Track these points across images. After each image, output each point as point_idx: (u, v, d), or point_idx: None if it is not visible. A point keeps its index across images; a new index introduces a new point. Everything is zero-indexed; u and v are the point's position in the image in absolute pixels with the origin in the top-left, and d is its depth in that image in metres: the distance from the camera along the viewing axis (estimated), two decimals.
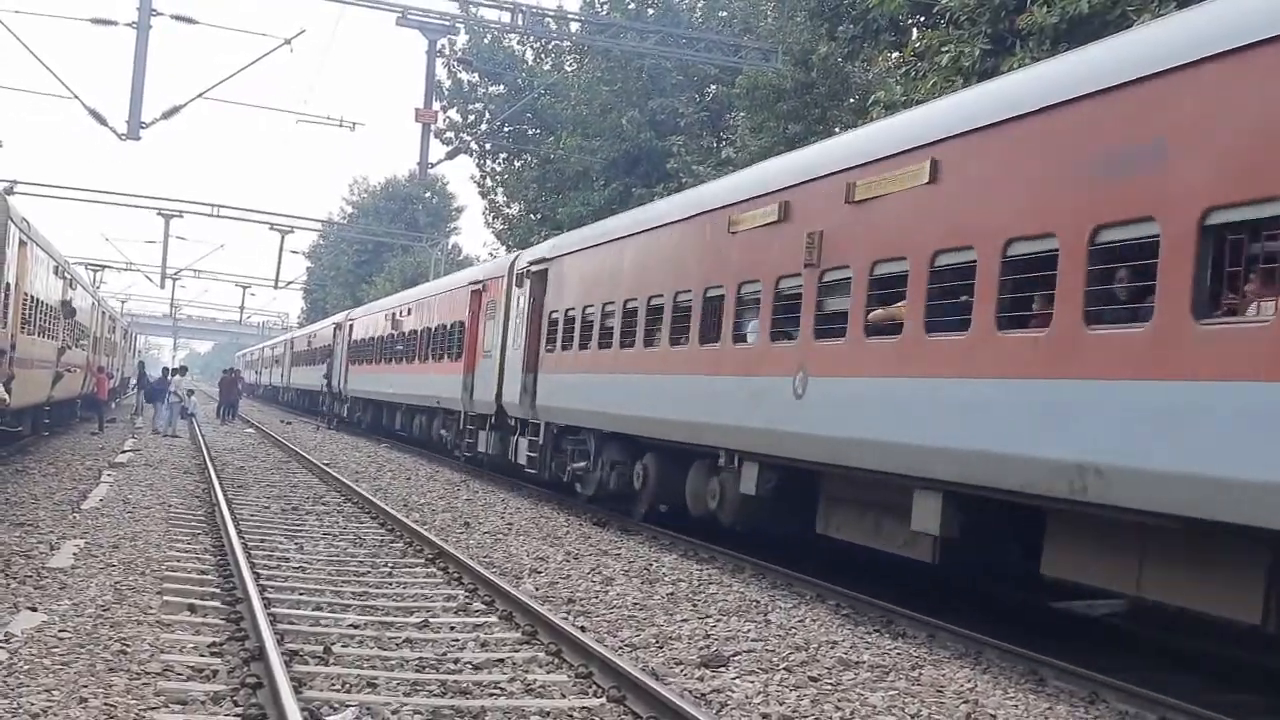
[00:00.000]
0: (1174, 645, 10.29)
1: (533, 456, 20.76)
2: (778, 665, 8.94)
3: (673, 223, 16.23)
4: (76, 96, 30.54)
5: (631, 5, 39.86)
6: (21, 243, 20.33)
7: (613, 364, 17.29)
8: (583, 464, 18.68)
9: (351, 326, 44.27)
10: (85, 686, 7.23)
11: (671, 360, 15.30)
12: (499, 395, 22.78)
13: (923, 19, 21.03)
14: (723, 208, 14.40)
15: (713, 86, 37.31)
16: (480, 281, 26.08)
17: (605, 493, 18.03)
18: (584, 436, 18.73)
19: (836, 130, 22.75)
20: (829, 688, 8.40)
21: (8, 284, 18.78)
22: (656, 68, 36.64)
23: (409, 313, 34.40)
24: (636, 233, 17.50)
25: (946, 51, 18.06)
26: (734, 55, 31.27)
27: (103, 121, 29.94)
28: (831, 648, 9.66)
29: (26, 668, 7.55)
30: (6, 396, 15.65)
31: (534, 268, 21.52)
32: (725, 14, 38.81)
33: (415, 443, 33.51)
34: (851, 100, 26.23)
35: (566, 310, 19.53)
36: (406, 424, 34.08)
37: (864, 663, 9.19)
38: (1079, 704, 8.49)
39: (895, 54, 22.39)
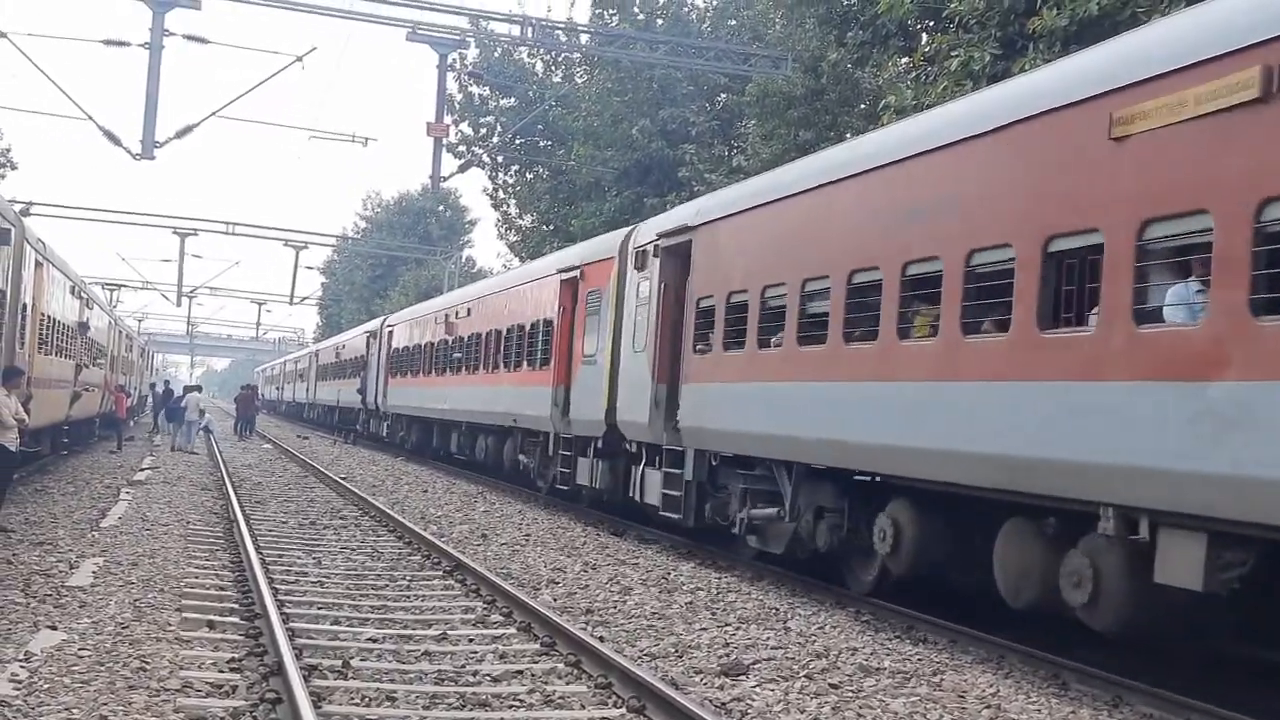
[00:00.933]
0: (1197, 648, 10.21)
1: (672, 496, 15.50)
2: (798, 673, 8.91)
3: (965, 140, 10.21)
4: (90, 117, 30.74)
5: (641, 16, 39.93)
6: (38, 263, 20.42)
7: (829, 366, 11.92)
8: (767, 510, 13.63)
9: (390, 334, 39.12)
10: (105, 704, 7.23)
11: (972, 359, 9.83)
12: (610, 412, 17.86)
13: (932, 23, 21.00)
14: (1097, 97, 8.64)
15: (723, 95, 37.33)
16: (574, 268, 20.46)
17: (805, 551, 13.12)
18: (766, 471, 13.71)
19: (848, 136, 22.69)
20: (850, 695, 8.35)
21: (25, 304, 18.86)
22: (667, 77, 36.67)
23: (467, 313, 29.14)
24: (875, 167, 11.56)
25: (956, 56, 18.03)
26: (743, 63, 31.29)
27: (117, 142, 30.12)
28: (852, 654, 9.61)
29: (47, 686, 7.56)
30: (25, 416, 15.69)
31: (666, 242, 16.34)
32: (734, 23, 38.84)
33: (478, 468, 28.65)
34: (862, 106, 26.23)
35: (731, 295, 14.21)
36: (466, 446, 28.98)
37: (885, 669, 9.15)
38: (1102, 708, 8.43)
39: (905, 59, 22.36)
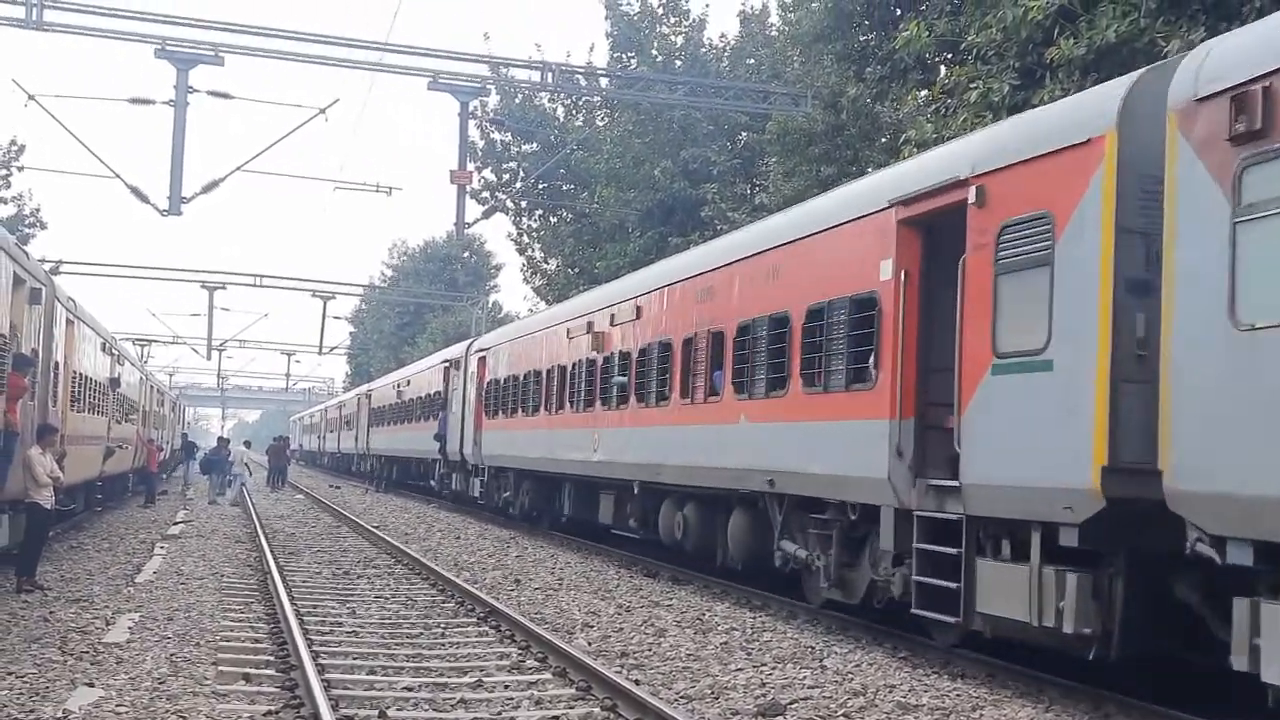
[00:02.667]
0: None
1: None
2: (836, 712, 8.84)
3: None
4: (118, 175, 31.04)
5: (659, 58, 40.18)
6: (69, 321, 20.63)
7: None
8: None
9: (482, 361, 29.97)
10: None
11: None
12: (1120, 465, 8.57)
13: (950, 56, 21.04)
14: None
15: (743, 134, 37.47)
16: (956, 183, 10.55)
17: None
18: None
19: (869, 171, 22.71)
20: None
21: (56, 362, 19.03)
22: (687, 118, 36.84)
23: (636, 314, 18.79)
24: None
25: (975, 88, 18.04)
26: (763, 101, 31.41)
27: (144, 199, 30.41)
28: (890, 691, 9.53)
29: None
30: (60, 474, 15.81)
31: None
32: (752, 61, 39.03)
33: (658, 551, 19.08)
34: (883, 140, 26.26)
35: None
36: (634, 514, 19.06)
37: (923, 705, 9.07)
38: None
39: (924, 92, 22.39)
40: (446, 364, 35.22)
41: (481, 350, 30.56)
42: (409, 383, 43.03)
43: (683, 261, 18.51)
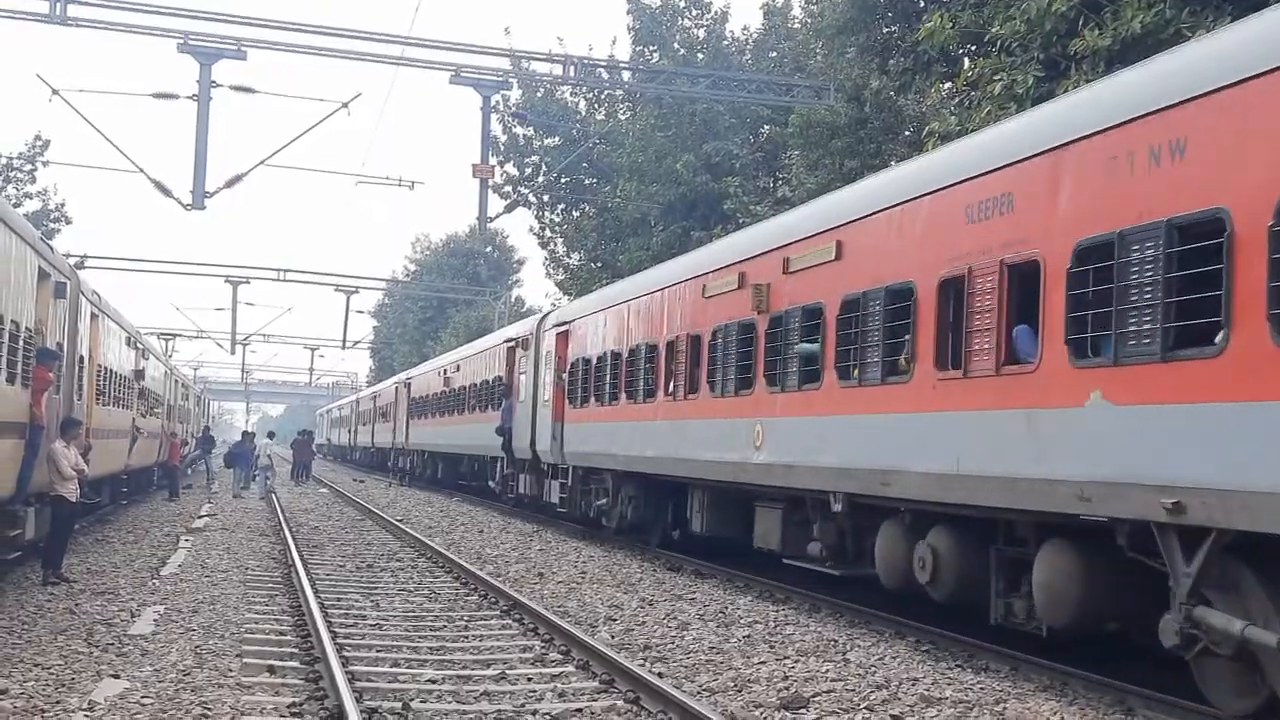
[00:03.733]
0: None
1: None
2: (859, 705, 8.82)
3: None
4: (141, 170, 31.18)
5: (681, 51, 40.12)
6: (93, 316, 20.74)
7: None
8: None
9: (562, 338, 24.05)
10: None
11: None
12: None
13: (973, 48, 20.94)
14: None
15: (766, 127, 37.40)
16: None
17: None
18: None
19: (892, 163, 22.62)
20: None
21: (81, 357, 19.14)
22: (709, 111, 36.79)
23: (890, 232, 12.12)
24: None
25: (999, 80, 17.95)
26: (785, 94, 31.32)
27: (168, 193, 30.53)
28: (913, 685, 9.50)
29: None
30: (84, 467, 15.91)
31: None
32: (775, 54, 38.96)
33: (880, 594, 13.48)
34: (906, 133, 26.17)
35: None
36: (851, 542, 13.39)
37: (947, 699, 9.04)
38: None
39: (948, 84, 22.30)
40: (510, 343, 29.15)
41: (562, 324, 24.52)
42: (458, 368, 37.54)
43: (940, 161, 12.15)
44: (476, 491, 35.35)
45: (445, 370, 39.86)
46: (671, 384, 17.78)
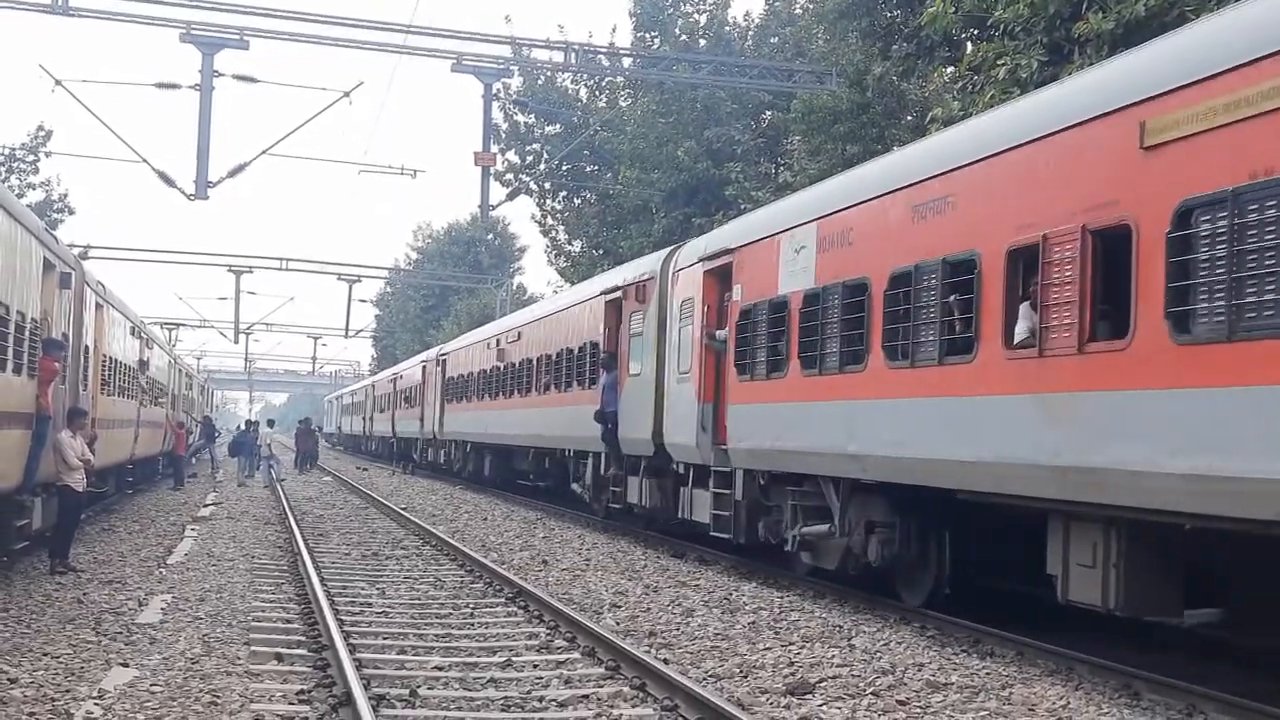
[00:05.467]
0: (1273, 653, 10.03)
1: None
2: (864, 690, 8.85)
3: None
4: (145, 160, 31.21)
5: (683, 37, 40.06)
6: (98, 305, 20.76)
7: None
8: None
9: (719, 279, 16.47)
10: None
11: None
12: None
13: (976, 32, 20.90)
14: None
15: (768, 112, 37.35)
16: None
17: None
18: None
19: (895, 148, 22.60)
20: (918, 711, 8.29)
21: (86, 346, 19.17)
22: (711, 97, 36.74)
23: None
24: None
25: (1002, 64, 17.92)
26: (787, 80, 31.29)
27: (171, 183, 30.55)
28: (918, 670, 9.54)
29: None
30: (90, 456, 15.95)
31: None
32: (776, 40, 38.88)
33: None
34: (909, 118, 26.15)
35: None
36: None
37: (952, 684, 9.07)
38: (1176, 716, 8.32)
39: (950, 69, 22.26)
40: (613, 295, 21.22)
41: (715, 256, 16.38)
42: (519, 336, 29.39)
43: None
44: (541, 494, 28.81)
45: (499, 341, 31.47)
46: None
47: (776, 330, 14.19)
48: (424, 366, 45.10)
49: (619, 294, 20.99)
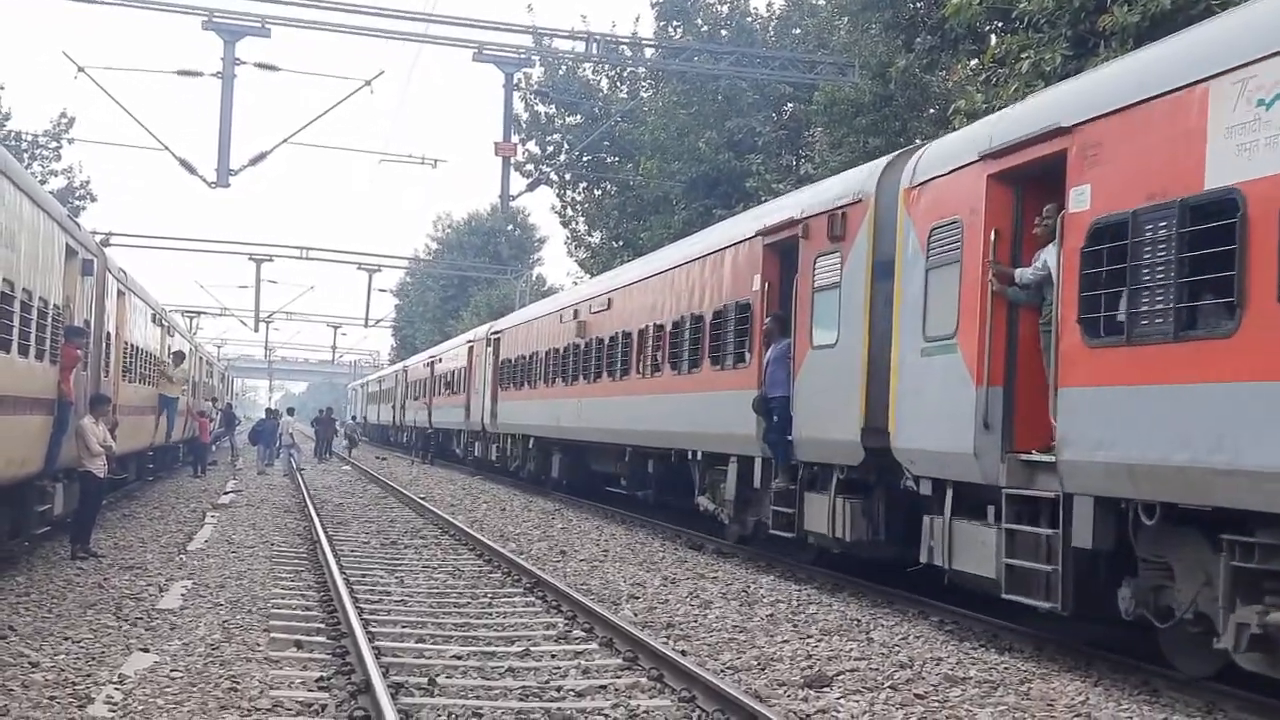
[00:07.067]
0: None
1: None
2: (882, 684, 8.83)
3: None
4: (166, 148, 31.30)
5: (705, 28, 39.96)
6: (120, 293, 20.85)
7: None
8: None
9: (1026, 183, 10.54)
10: None
11: None
12: None
13: (1000, 24, 20.78)
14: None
15: (789, 104, 37.23)
16: None
17: None
18: None
19: (919, 141, 22.49)
20: (936, 705, 8.27)
21: (108, 333, 19.25)
22: (732, 88, 36.63)
23: None
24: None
25: (1027, 57, 17.81)
26: (809, 71, 31.19)
27: (192, 171, 30.65)
28: (937, 664, 9.52)
29: (141, 708, 7.69)
30: (112, 443, 16.03)
31: None
32: (799, 31, 38.73)
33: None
34: (932, 111, 26.02)
35: None
36: None
37: (971, 678, 9.05)
38: (1196, 714, 8.28)
39: (974, 61, 22.15)
40: (785, 231, 15.06)
41: (1035, 139, 10.10)
42: (609, 304, 23.41)
43: None
44: (630, 504, 23.53)
45: (578, 312, 25.69)
46: None
47: (1209, 254, 7.99)
48: (470, 347, 39.60)
49: (791, 232, 14.75)
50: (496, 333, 35.68)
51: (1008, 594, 10.04)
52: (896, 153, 13.86)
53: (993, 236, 10.55)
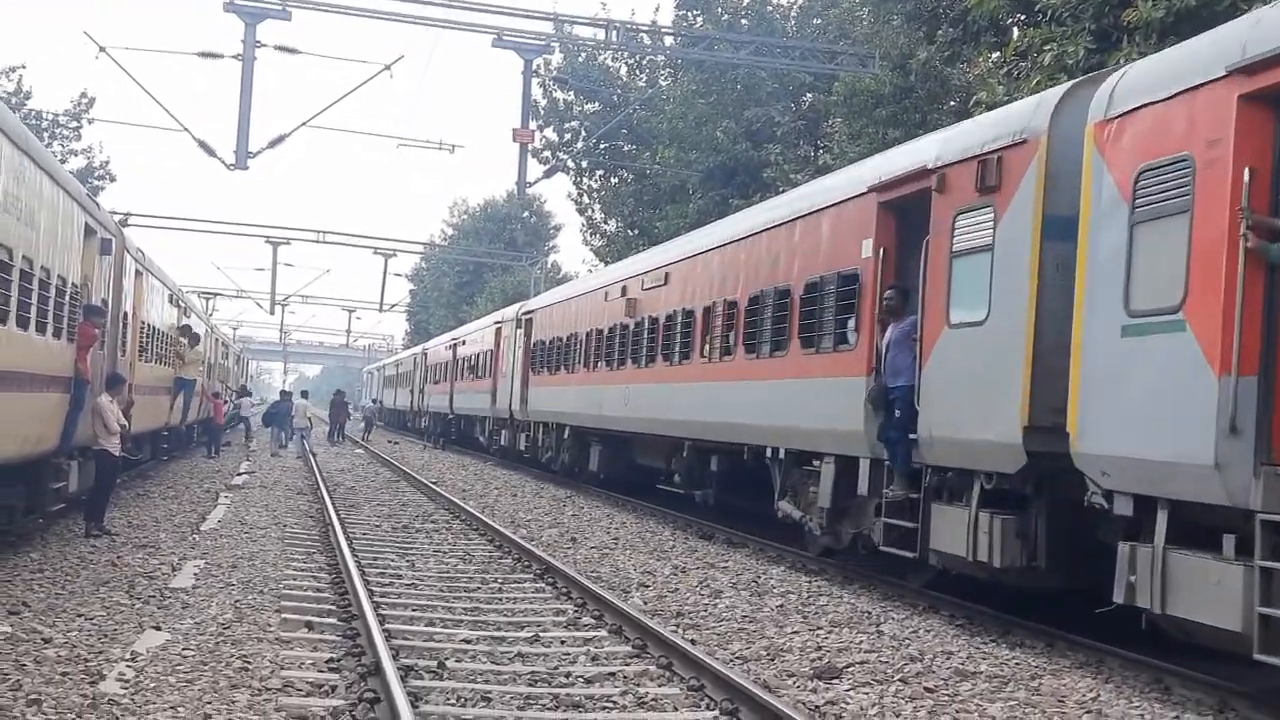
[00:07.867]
0: None
1: None
2: (892, 676, 8.82)
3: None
4: (186, 129, 31.35)
5: (725, 17, 39.84)
6: (137, 273, 20.91)
7: None
8: None
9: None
10: (209, 703, 7.38)
11: None
12: None
13: (1023, 17, 20.68)
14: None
15: (809, 94, 37.10)
16: None
17: None
18: None
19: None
20: (946, 699, 8.26)
21: (125, 313, 19.31)
22: (751, 78, 36.52)
23: None
24: None
25: (1049, 50, 17.73)
26: (830, 62, 31.06)
27: (211, 152, 30.70)
28: (947, 658, 9.50)
29: (153, 685, 7.73)
30: (127, 422, 16.09)
31: None
32: (819, 21, 38.58)
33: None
34: (952, 103, 25.91)
35: None
36: None
37: (981, 673, 9.03)
38: (1207, 712, 8.24)
39: (996, 54, 22.05)
40: (911, 185, 12.21)
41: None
42: (666, 278, 20.56)
43: None
44: (685, 506, 20.26)
45: (627, 289, 22.73)
46: None
47: None
48: (498, 328, 36.44)
49: (920, 185, 12.03)
50: (528, 313, 32.74)
51: (1262, 654, 7.39)
52: (1074, 80, 11.55)
53: (1246, 176, 7.76)
